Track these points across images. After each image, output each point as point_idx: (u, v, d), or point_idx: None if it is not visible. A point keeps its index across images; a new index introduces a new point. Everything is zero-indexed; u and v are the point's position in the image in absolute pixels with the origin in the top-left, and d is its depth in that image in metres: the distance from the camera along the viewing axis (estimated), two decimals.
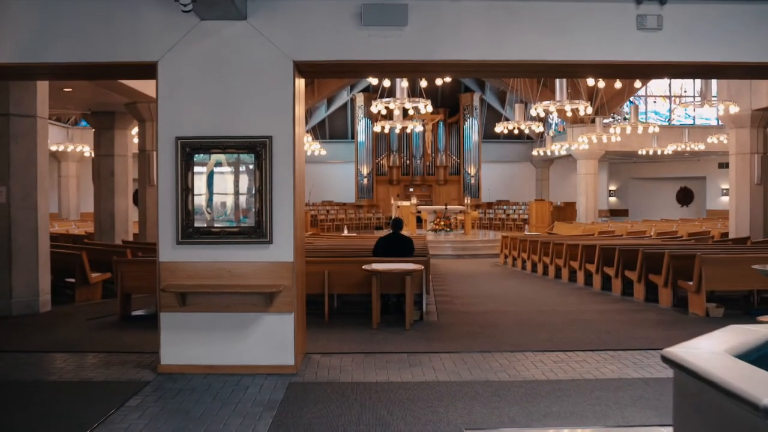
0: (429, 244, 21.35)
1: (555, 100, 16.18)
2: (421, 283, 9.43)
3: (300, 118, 6.95)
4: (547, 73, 7.81)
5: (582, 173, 28.76)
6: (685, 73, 7.85)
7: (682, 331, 8.53)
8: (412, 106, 16.12)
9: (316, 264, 9.52)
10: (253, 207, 6.50)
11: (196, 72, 6.51)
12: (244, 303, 6.51)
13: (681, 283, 10.17)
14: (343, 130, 37.29)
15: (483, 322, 9.32)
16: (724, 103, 16.04)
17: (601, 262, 12.81)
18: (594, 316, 9.79)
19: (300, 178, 6.87)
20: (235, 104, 6.51)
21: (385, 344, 7.86)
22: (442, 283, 14.51)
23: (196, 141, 6.47)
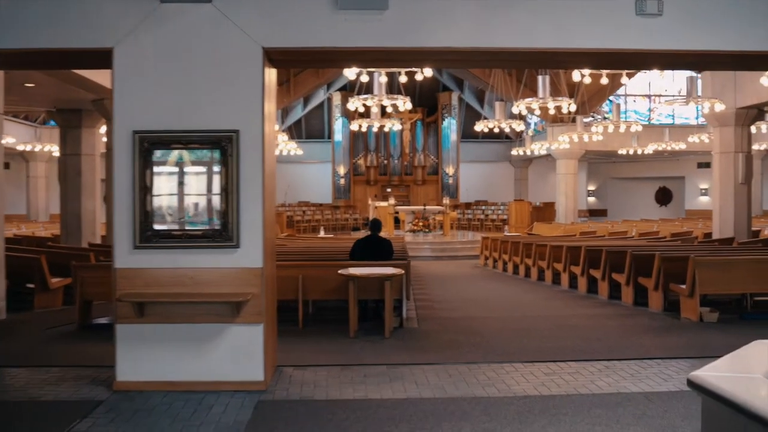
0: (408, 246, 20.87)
1: (538, 97, 15.74)
2: (401, 288, 8.90)
3: (271, 111, 6.40)
4: (540, 62, 7.31)
5: (561, 173, 28.40)
6: (685, 63, 7.39)
7: (678, 338, 8.08)
8: (390, 104, 15.59)
9: (290, 268, 8.96)
10: (218, 208, 5.92)
11: (156, 59, 5.92)
12: (209, 313, 5.93)
13: (673, 287, 9.73)
14: (319, 129, 36.68)
15: (466, 328, 8.80)
16: (710, 101, 15.68)
17: (587, 265, 12.36)
18: (582, 321, 9.31)
19: (270, 176, 6.31)
20: (199, 95, 5.93)
21: (364, 355, 7.32)
22: (422, 286, 14.00)
23: (156, 135, 5.89)
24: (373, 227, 10.03)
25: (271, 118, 6.38)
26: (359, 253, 9.69)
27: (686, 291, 9.30)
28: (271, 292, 6.40)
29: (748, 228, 17.78)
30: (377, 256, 9.54)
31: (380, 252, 9.65)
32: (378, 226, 10.03)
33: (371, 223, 10.18)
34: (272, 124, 6.46)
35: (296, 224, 31.70)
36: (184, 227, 5.93)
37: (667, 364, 6.80)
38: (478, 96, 34.66)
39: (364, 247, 9.76)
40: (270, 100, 6.34)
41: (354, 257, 9.72)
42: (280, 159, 34.14)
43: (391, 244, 9.86)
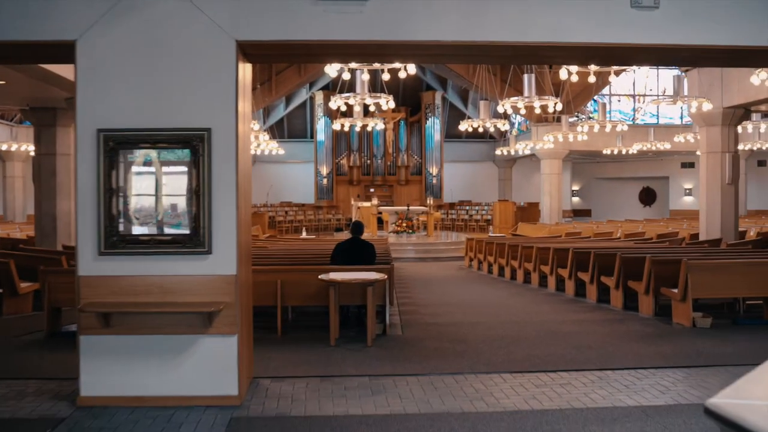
0: (391, 247, 20.53)
1: (523, 96, 15.44)
2: (384, 294, 8.55)
3: (246, 108, 6.03)
4: (531, 58, 6.96)
5: (546, 173, 28.20)
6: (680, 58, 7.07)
7: (671, 345, 7.78)
8: (373, 102, 15.24)
9: (268, 273, 8.60)
10: (189, 211, 5.55)
11: (122, 53, 5.54)
12: (179, 324, 5.56)
13: (664, 291, 9.44)
14: (302, 129, 36.27)
15: (452, 335, 8.47)
16: (698, 100, 15.45)
17: (575, 267, 12.07)
18: (572, 327, 9.00)
19: (245, 177, 5.94)
20: (168, 91, 5.55)
21: (345, 365, 6.96)
22: (406, 288, 13.67)
23: (122, 134, 5.50)
24: (355, 230, 9.67)
25: (245, 116, 6.02)
26: (341, 258, 9.34)
27: (678, 295, 9.02)
28: (247, 300, 6.04)
29: (736, 229, 17.60)
30: (359, 261, 9.19)
31: (362, 256, 9.30)
32: (360, 229, 9.66)
33: (353, 225, 9.80)
34: (247, 122, 6.09)
35: (278, 225, 31.32)
36: (153, 232, 5.55)
37: (663, 374, 6.50)
38: (462, 95, 34.40)
39: (346, 251, 9.41)
40: (245, 97, 5.97)
41: (335, 262, 9.36)
42: (261, 159, 33.86)
43: (373, 247, 9.50)
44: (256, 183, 35.32)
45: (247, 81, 6.14)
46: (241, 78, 5.75)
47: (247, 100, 6.14)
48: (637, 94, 32.37)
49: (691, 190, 34.72)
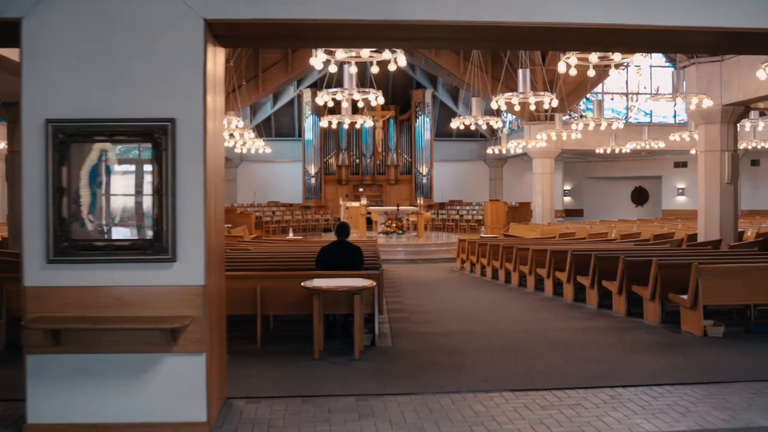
0: (380, 249, 19.89)
1: (518, 92, 14.83)
2: (373, 302, 7.89)
3: (218, 98, 5.37)
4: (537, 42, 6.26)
5: (538, 172, 27.61)
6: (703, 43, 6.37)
7: (684, 358, 7.17)
8: (361, 98, 14.58)
9: (247, 279, 7.93)
10: (150, 213, 4.88)
11: (75, 33, 4.86)
12: (139, 341, 4.88)
13: (673, 297, 8.83)
14: (289, 127, 35.57)
15: (446, 346, 7.83)
16: (699, 96, 14.88)
17: (574, 271, 11.46)
18: (574, 336, 8.38)
19: (216, 174, 5.28)
20: (127, 77, 4.88)
21: (329, 382, 6.31)
22: (396, 292, 13.03)
23: (74, 125, 4.83)
24: (340, 232, 8.95)
25: (217, 107, 5.36)
26: (325, 263, 8.65)
27: (688, 302, 8.41)
28: (218, 313, 5.37)
29: (735, 230, 17.08)
30: (346, 265, 8.52)
31: (349, 260, 8.61)
32: (345, 231, 8.96)
33: (337, 227, 9.06)
34: (219, 113, 5.43)
35: (265, 225, 30.62)
36: (109, 237, 4.88)
37: (680, 392, 5.88)
38: (452, 94, 33.81)
39: (331, 255, 8.72)
40: (216, 84, 5.31)
41: (320, 267, 8.68)
42: (248, 158, 33.14)
43: (360, 251, 8.81)
44: (243, 182, 34.77)
45: (219, 67, 5.47)
46: (210, 63, 5.09)
47: (219, 88, 5.48)
48: (631, 93, 31.83)
49: (684, 190, 34.25)
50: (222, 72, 5.61)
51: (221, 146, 5.59)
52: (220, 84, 5.53)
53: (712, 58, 16.54)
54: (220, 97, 5.53)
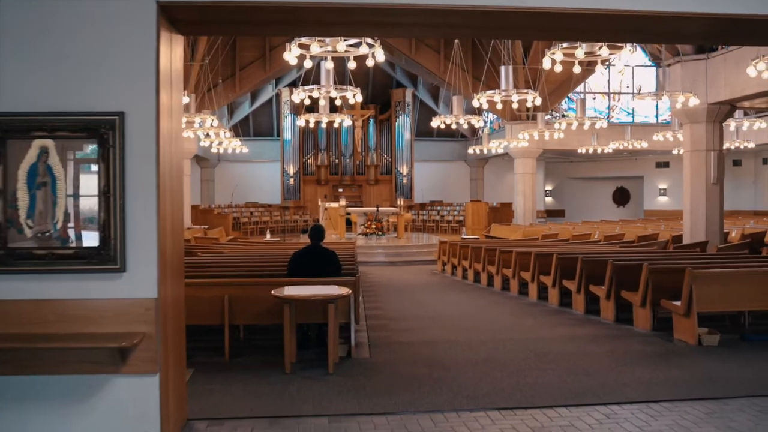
0: (359, 251, 19.39)
1: (500, 90, 14.39)
2: (349, 310, 7.40)
3: (174, 90, 4.86)
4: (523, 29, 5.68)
5: (519, 172, 27.22)
6: None
7: (680, 370, 6.74)
8: (339, 95, 14.07)
9: (214, 287, 7.41)
10: (95, 218, 4.36)
11: (9, 14, 4.33)
12: (83, 361, 4.36)
13: (665, 304, 8.40)
14: (268, 127, 34.98)
15: (428, 358, 7.34)
16: (685, 95, 14.52)
17: (559, 275, 11.03)
18: (562, 346, 7.92)
19: (172, 174, 4.76)
20: (70, 66, 4.35)
21: (300, 400, 5.80)
22: (375, 297, 12.55)
23: (8, 119, 4.29)
24: (313, 235, 8.39)
25: (174, 100, 4.85)
26: (298, 270, 8.11)
27: (682, 309, 7.98)
28: (175, 327, 4.85)
29: (721, 231, 16.77)
30: (320, 272, 7.99)
31: (323, 267, 8.06)
32: (319, 234, 8.35)
33: (311, 230, 8.46)
34: (176, 106, 4.92)
35: (243, 226, 30.02)
36: (49, 244, 4.35)
37: (680, 409, 5.44)
38: (433, 93, 33.39)
39: (303, 262, 8.18)
40: (173, 75, 4.80)
41: (292, 275, 8.14)
42: (226, 158, 32.52)
43: (336, 255, 8.25)
44: (221, 183, 34.13)
45: (177, 56, 4.95)
46: (165, 51, 4.57)
47: (178, 81, 4.96)
48: (613, 92, 31.55)
49: (666, 191, 34.08)
50: (180, 63, 5.09)
51: (180, 143, 5.07)
52: (179, 76, 5.01)
53: (697, 56, 16.24)
54: (178, 91, 5.01)
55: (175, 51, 4.89)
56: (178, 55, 5.02)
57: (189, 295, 7.18)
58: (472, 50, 26.33)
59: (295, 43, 10.17)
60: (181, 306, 5.09)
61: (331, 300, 6.65)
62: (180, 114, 5.09)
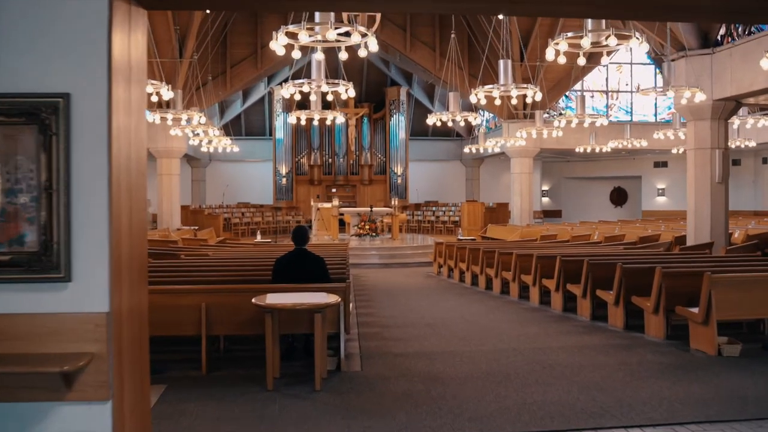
0: (352, 252, 18.77)
1: (498, 84, 13.77)
2: (338, 319, 6.76)
3: (136, 71, 4.21)
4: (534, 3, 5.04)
5: (516, 172, 26.64)
6: None
7: (702, 384, 6.12)
8: (330, 90, 13.44)
9: (191, 294, 6.76)
10: (35, 218, 3.71)
11: None
12: (21, 387, 3.69)
13: (681, 311, 7.78)
14: (260, 126, 34.34)
15: (425, 372, 6.70)
16: (691, 90, 13.91)
17: (563, 278, 10.42)
18: (571, 356, 7.30)
19: (131, 169, 4.10)
20: (7, 40, 3.71)
21: (282, 423, 5.16)
22: (368, 301, 11.91)
23: None
24: (297, 238, 7.65)
25: (135, 78, 4.20)
26: (281, 276, 7.44)
27: (699, 317, 7.37)
28: (133, 345, 4.19)
29: (726, 232, 16.19)
30: (305, 278, 7.31)
31: (308, 273, 7.37)
32: (303, 237, 7.63)
33: (293, 233, 7.74)
34: (136, 89, 4.26)
35: (234, 227, 29.39)
36: None
37: None
38: (428, 92, 32.79)
39: (288, 268, 7.49)
40: (133, 53, 4.15)
41: (276, 281, 7.47)
42: (217, 157, 31.85)
43: (322, 261, 7.54)
44: (212, 183, 33.45)
45: (138, 33, 4.30)
46: (120, 23, 3.92)
47: (139, 60, 4.32)
48: (611, 90, 30.97)
49: (664, 191, 33.55)
50: (143, 41, 4.44)
51: (142, 132, 4.41)
52: (141, 55, 4.36)
53: (702, 50, 15.66)
54: (140, 74, 4.36)
55: (135, 25, 4.23)
56: (141, 31, 4.36)
57: (162, 304, 6.58)
58: (468, 47, 25.76)
59: (282, 31, 9.54)
60: (143, 319, 4.44)
61: (318, 309, 6.01)
62: (143, 95, 4.44)
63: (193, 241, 20.12)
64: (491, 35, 20.04)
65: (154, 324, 6.48)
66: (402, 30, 26.50)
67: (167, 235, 21.50)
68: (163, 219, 24.74)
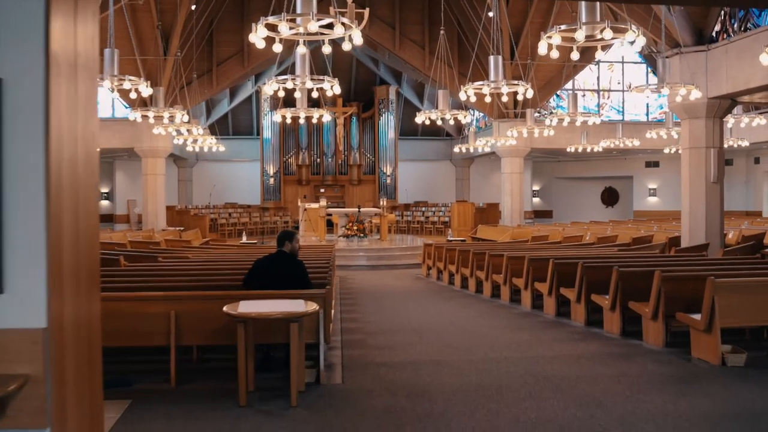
0: (339, 254, 18.33)
1: (489, 81, 13.34)
2: (318, 328, 6.31)
3: (83, 61, 3.75)
4: None
5: (507, 172, 26.25)
6: None
7: (711, 401, 5.69)
8: (316, 87, 12.97)
9: (159, 301, 6.30)
10: None
11: None
12: None
13: (682, 318, 7.36)
14: (247, 125, 33.82)
15: (410, 384, 6.25)
16: (687, 87, 13.51)
17: (556, 282, 10.00)
18: (567, 367, 6.86)
19: (77, 165, 3.63)
20: None
21: None
22: (354, 306, 11.47)
23: None
24: (278, 241, 7.21)
25: (83, 72, 3.74)
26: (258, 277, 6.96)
27: (702, 324, 6.95)
28: (80, 363, 3.72)
29: (721, 232, 15.84)
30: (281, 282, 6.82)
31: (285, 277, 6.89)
32: (281, 241, 7.16)
33: (278, 236, 7.29)
34: (88, 81, 3.80)
35: (221, 228, 28.86)
36: None
37: None
38: (417, 91, 32.37)
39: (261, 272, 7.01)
40: (77, 43, 3.69)
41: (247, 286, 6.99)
42: (204, 157, 31.33)
43: (302, 265, 7.09)
44: (199, 183, 32.90)
45: (89, 26, 3.82)
46: (63, 11, 3.45)
47: (88, 54, 3.85)
48: (602, 90, 30.62)
49: (655, 191, 33.25)
50: (94, 33, 3.96)
51: (92, 129, 3.95)
52: (90, 48, 3.89)
53: (697, 47, 15.29)
54: (90, 64, 3.90)
55: (84, 19, 3.75)
56: (90, 25, 3.89)
57: (128, 312, 6.12)
58: (458, 45, 25.36)
59: (261, 23, 9.08)
60: (93, 333, 3.97)
61: (294, 318, 5.55)
62: (92, 99, 3.97)
63: (177, 243, 19.63)
64: (481, 33, 19.62)
65: (119, 334, 6.05)
66: (391, 28, 26.09)
67: (151, 236, 21.03)
68: (149, 220, 24.26)
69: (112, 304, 5.95)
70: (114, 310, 5.98)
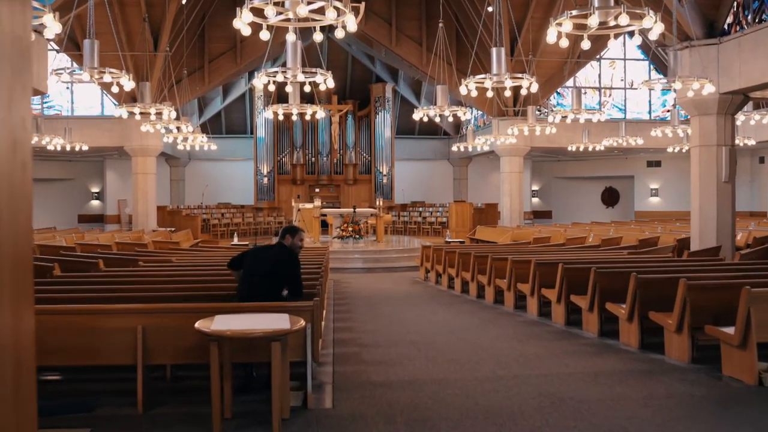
0: (334, 256, 17.63)
1: (491, 74, 12.61)
2: (304, 345, 5.57)
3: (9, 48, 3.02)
4: None
5: (506, 171, 25.52)
6: None
7: (751, 428, 4.97)
8: (308, 80, 12.24)
9: (123, 315, 5.56)
10: None
11: None
12: None
13: (711, 331, 6.61)
14: (241, 124, 33.06)
15: (410, 409, 5.50)
16: (700, 81, 12.79)
17: (565, 288, 9.28)
18: (584, 388, 6.12)
19: None
20: None
21: None
22: (348, 313, 10.74)
23: None
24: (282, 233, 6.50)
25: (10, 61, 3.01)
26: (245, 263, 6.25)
27: (736, 339, 6.22)
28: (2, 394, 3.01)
29: (733, 234, 15.13)
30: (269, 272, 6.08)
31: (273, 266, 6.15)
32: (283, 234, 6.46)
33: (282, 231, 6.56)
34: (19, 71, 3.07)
35: (213, 229, 28.10)
36: None
37: None
38: (415, 89, 31.64)
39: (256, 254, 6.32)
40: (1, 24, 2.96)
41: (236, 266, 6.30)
42: (196, 156, 30.56)
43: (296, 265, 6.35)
44: (192, 183, 32.11)
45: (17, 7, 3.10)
46: None
47: (16, 39, 3.12)
48: (604, 87, 29.89)
49: (657, 191, 32.56)
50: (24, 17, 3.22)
51: (22, 125, 3.22)
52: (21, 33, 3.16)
53: (708, 40, 14.58)
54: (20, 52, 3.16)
55: None
56: (19, 7, 3.17)
57: (86, 326, 5.38)
58: (456, 42, 24.63)
59: (246, 6, 8.34)
60: (23, 358, 3.21)
61: (276, 336, 4.82)
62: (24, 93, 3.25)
63: (166, 245, 18.88)
64: (480, 29, 18.88)
65: (74, 352, 5.31)
66: (387, 24, 25.38)
67: (140, 237, 20.31)
68: (139, 220, 23.51)
69: (65, 318, 5.23)
70: (70, 324, 5.26)
